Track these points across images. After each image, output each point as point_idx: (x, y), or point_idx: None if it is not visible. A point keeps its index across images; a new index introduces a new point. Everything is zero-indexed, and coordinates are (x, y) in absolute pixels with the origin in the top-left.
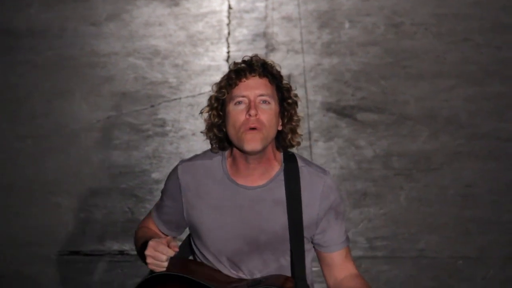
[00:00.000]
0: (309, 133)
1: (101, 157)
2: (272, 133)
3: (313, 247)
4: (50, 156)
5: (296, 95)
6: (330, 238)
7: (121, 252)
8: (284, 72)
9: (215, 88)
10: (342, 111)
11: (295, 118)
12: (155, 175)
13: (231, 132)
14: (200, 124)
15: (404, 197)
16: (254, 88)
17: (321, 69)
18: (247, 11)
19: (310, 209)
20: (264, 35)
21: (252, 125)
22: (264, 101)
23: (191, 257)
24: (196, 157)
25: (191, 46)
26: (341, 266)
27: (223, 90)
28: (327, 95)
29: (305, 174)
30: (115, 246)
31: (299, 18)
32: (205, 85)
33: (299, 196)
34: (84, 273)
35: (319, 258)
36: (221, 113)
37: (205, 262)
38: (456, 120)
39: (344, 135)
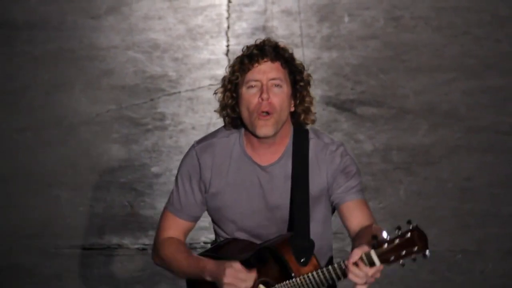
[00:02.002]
0: None
1: (100, 151)
2: (284, 116)
3: (333, 208)
4: (49, 148)
5: (309, 75)
6: (342, 191)
7: (120, 246)
8: None
9: (228, 70)
10: (341, 105)
11: (307, 99)
12: (154, 169)
13: (245, 115)
14: (199, 118)
15: (403, 190)
16: (266, 72)
17: (321, 63)
18: (246, 5)
19: (319, 178)
20: (264, 28)
21: (265, 109)
22: (276, 85)
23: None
24: (210, 136)
25: (190, 39)
26: (355, 216)
27: (237, 74)
28: (327, 89)
29: (312, 147)
30: (115, 240)
31: (298, 11)
32: (204, 79)
33: (306, 169)
34: (83, 267)
35: (339, 215)
36: (234, 94)
37: (224, 235)
38: (455, 113)
39: (343, 129)
